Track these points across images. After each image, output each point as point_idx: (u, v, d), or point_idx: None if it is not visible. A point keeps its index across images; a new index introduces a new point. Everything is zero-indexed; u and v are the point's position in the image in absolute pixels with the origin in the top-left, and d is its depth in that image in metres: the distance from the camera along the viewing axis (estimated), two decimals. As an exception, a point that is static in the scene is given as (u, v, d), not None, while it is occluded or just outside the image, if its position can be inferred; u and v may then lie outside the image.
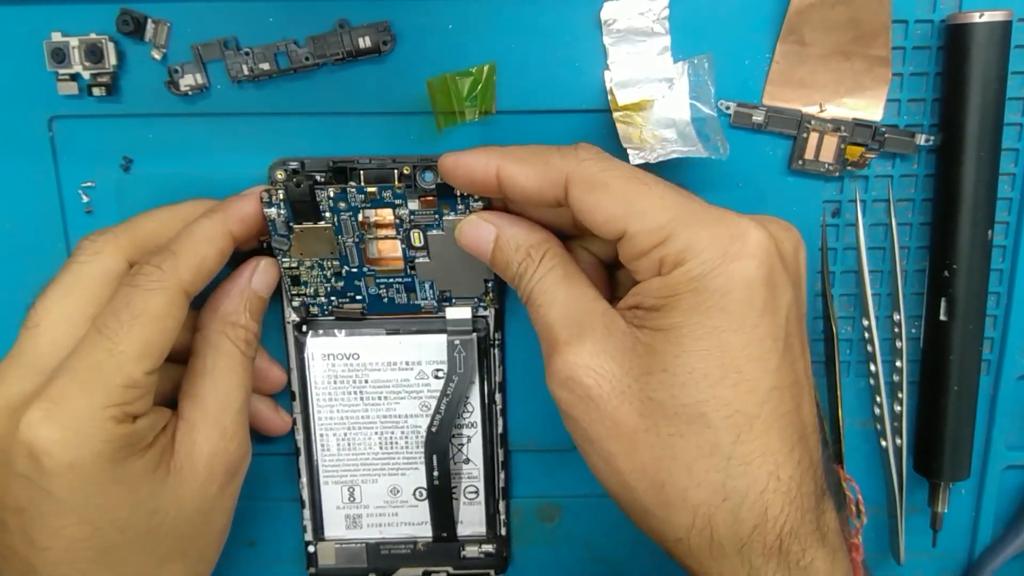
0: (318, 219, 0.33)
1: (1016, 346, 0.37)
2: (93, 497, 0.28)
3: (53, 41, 0.33)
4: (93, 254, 0.30)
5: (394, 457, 0.37)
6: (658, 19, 0.33)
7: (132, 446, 0.29)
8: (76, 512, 0.28)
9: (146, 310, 0.28)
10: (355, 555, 0.38)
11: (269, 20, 0.33)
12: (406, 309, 0.35)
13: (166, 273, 0.29)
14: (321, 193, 0.33)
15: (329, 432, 0.36)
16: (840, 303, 0.37)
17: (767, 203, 0.35)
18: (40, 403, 0.27)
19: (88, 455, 0.27)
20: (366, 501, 0.37)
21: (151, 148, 0.35)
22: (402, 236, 0.33)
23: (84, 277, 0.30)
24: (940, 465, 0.36)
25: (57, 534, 0.28)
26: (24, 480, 0.28)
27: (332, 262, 0.34)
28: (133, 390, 0.28)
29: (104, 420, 0.28)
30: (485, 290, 0.34)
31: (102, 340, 0.28)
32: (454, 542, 0.37)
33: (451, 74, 0.34)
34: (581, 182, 0.28)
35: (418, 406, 0.36)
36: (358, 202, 0.33)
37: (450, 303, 0.35)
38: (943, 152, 0.34)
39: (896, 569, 0.39)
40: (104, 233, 0.31)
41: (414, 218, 0.33)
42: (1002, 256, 0.36)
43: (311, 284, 0.35)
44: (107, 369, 0.28)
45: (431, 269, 0.34)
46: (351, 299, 0.35)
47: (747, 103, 0.34)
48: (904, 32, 0.34)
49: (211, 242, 0.31)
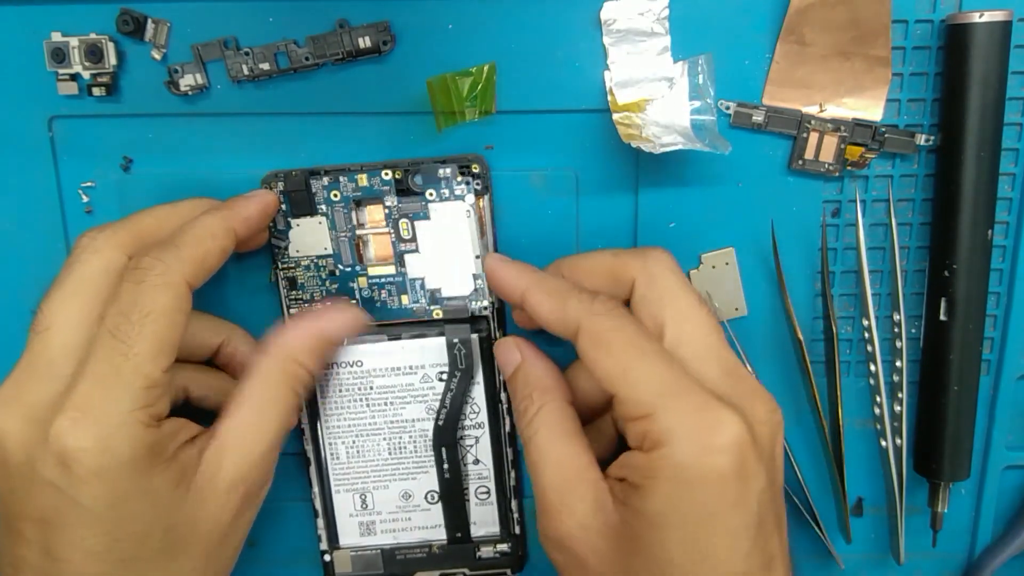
0: (313, 213, 0.34)
1: (1016, 346, 0.37)
2: (117, 507, 0.28)
3: (53, 41, 0.33)
4: (93, 252, 0.30)
5: (403, 462, 0.37)
6: (658, 19, 0.33)
7: (158, 455, 0.29)
8: (100, 522, 0.28)
9: (155, 307, 0.28)
10: (371, 561, 0.38)
11: (269, 20, 0.33)
12: (399, 314, 0.35)
13: (169, 266, 0.29)
14: (316, 183, 0.33)
15: (338, 440, 0.37)
16: (840, 303, 0.37)
17: (767, 203, 0.35)
18: (68, 411, 0.27)
19: (117, 461, 0.28)
20: (378, 507, 0.37)
21: (151, 148, 0.35)
22: (391, 226, 0.33)
23: (88, 277, 0.30)
24: (940, 465, 0.36)
25: (77, 545, 0.28)
26: (51, 488, 0.28)
27: (327, 260, 0.34)
28: (154, 390, 0.28)
29: (132, 424, 0.28)
30: (474, 287, 0.34)
31: (116, 343, 0.28)
32: (469, 543, 0.38)
33: (451, 74, 0.34)
34: (587, 334, 0.29)
35: (424, 409, 0.36)
36: (349, 191, 0.33)
37: (440, 305, 0.35)
38: (943, 152, 0.34)
39: (896, 569, 0.39)
40: (103, 230, 0.31)
41: (402, 206, 0.33)
42: (1002, 256, 0.36)
43: (307, 288, 0.35)
44: (126, 372, 0.28)
45: (421, 264, 0.34)
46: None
47: (747, 103, 0.34)
48: (904, 32, 0.34)
49: (214, 237, 0.30)
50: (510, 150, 0.35)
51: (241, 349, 0.35)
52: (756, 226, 0.36)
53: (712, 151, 0.32)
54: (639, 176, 0.35)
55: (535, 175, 0.35)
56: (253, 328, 0.35)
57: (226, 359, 0.35)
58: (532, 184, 0.35)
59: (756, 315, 0.37)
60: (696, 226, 0.36)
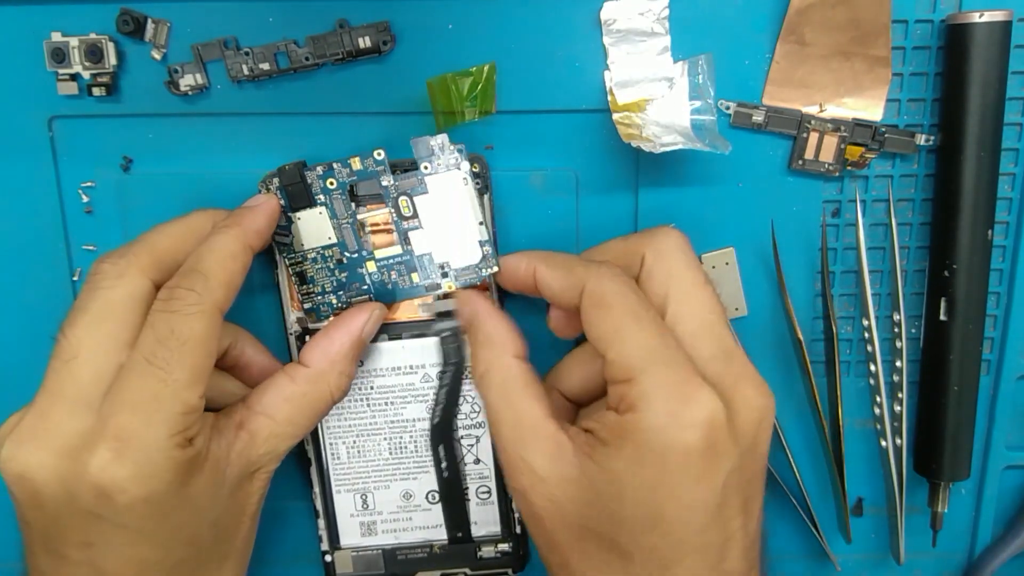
0: (313, 204, 0.33)
1: (1016, 346, 0.37)
2: (163, 521, 0.28)
3: (53, 41, 0.33)
4: (117, 277, 0.30)
5: (404, 462, 0.37)
6: (658, 19, 0.33)
7: (195, 467, 0.29)
8: (148, 538, 0.28)
9: (192, 335, 0.28)
10: (372, 562, 0.38)
11: (269, 20, 0.33)
12: (412, 293, 0.35)
13: (201, 295, 0.29)
14: (310, 174, 0.33)
15: (339, 441, 0.37)
16: (840, 303, 0.37)
17: (767, 203, 0.35)
18: (106, 442, 0.27)
19: (161, 485, 0.28)
20: (379, 507, 0.37)
21: (151, 148, 0.35)
22: (391, 206, 0.33)
23: (114, 303, 0.29)
24: (940, 465, 0.36)
25: (129, 560, 0.28)
26: (93, 517, 0.28)
27: (333, 249, 0.34)
28: (191, 415, 0.28)
29: (170, 449, 0.28)
30: (482, 255, 0.34)
31: (153, 370, 0.28)
32: (470, 543, 0.38)
33: (451, 74, 0.34)
34: (589, 296, 0.30)
35: (425, 409, 0.36)
36: (344, 177, 0.33)
37: (450, 277, 0.34)
38: (943, 152, 0.34)
39: (896, 569, 0.39)
40: (123, 255, 0.30)
41: (399, 184, 0.33)
42: (1002, 256, 0.36)
43: (317, 280, 0.35)
44: (164, 399, 0.28)
45: (426, 239, 0.34)
46: (357, 290, 0.35)
47: (747, 103, 0.34)
48: (904, 32, 0.34)
49: (235, 258, 0.30)
50: (510, 150, 0.35)
51: (248, 351, 0.35)
52: (756, 226, 0.36)
53: (712, 151, 0.32)
54: (639, 176, 0.35)
55: (535, 175, 0.35)
56: (253, 330, 0.35)
57: (233, 361, 0.35)
58: (532, 184, 0.35)
59: (756, 315, 0.37)
60: (696, 226, 0.36)
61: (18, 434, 0.28)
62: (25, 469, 0.28)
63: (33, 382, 0.29)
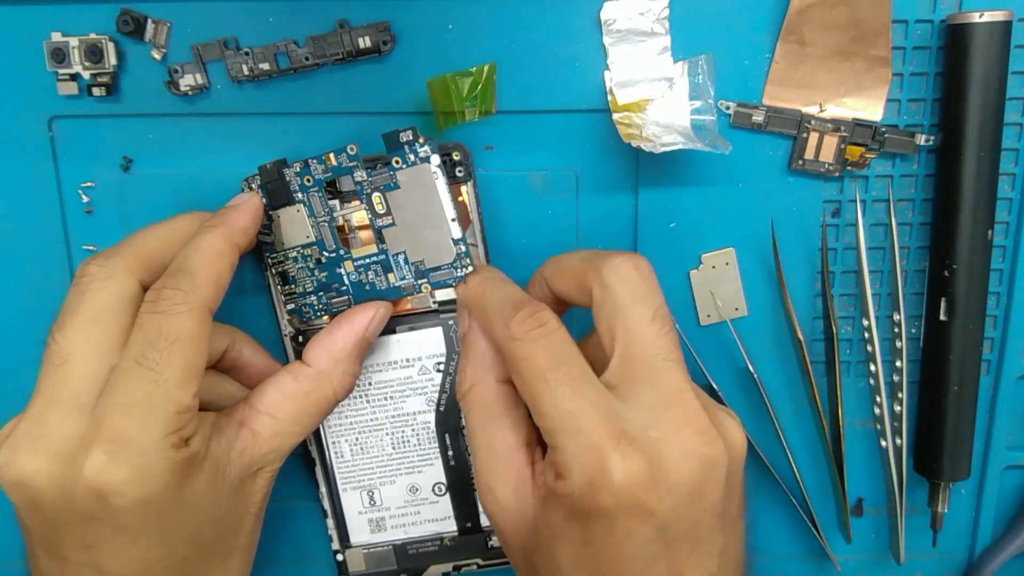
0: (291, 202, 0.33)
1: (1016, 346, 0.37)
2: (164, 522, 0.28)
3: (53, 41, 0.33)
4: (105, 279, 0.29)
5: (408, 456, 0.37)
6: (658, 19, 0.33)
7: (193, 466, 0.29)
8: (148, 538, 0.28)
9: (181, 335, 0.28)
10: (384, 558, 0.38)
11: (269, 20, 0.33)
12: (389, 294, 0.34)
13: (189, 294, 0.29)
14: (289, 171, 0.33)
15: (341, 439, 0.37)
16: (840, 303, 0.37)
17: (767, 203, 0.35)
18: (100, 444, 0.27)
19: (157, 486, 0.28)
20: (387, 503, 0.37)
21: (151, 148, 0.35)
22: (365, 203, 0.33)
23: (103, 305, 0.29)
24: (940, 465, 0.36)
25: (130, 560, 0.29)
26: (91, 520, 0.28)
27: (312, 248, 0.34)
28: (185, 415, 0.28)
29: (166, 450, 0.28)
30: (455, 254, 0.33)
31: (144, 371, 0.28)
32: (479, 533, 0.38)
33: (451, 74, 0.34)
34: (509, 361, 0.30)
35: (424, 402, 0.36)
36: (319, 173, 0.33)
37: (426, 277, 0.34)
38: (943, 152, 0.34)
39: (896, 569, 0.39)
40: (110, 256, 0.30)
41: (372, 180, 0.33)
42: (1002, 256, 0.36)
43: (299, 280, 0.35)
44: (157, 399, 0.28)
45: (400, 236, 0.33)
46: (337, 291, 0.35)
47: (747, 103, 0.34)
48: (904, 32, 0.34)
49: (222, 256, 0.30)
50: (510, 150, 0.35)
51: (245, 352, 0.35)
52: (756, 226, 0.36)
53: (712, 151, 0.32)
54: (639, 176, 0.35)
55: (535, 175, 0.35)
56: (249, 331, 0.35)
57: (231, 363, 0.35)
58: (532, 184, 0.35)
59: (756, 315, 0.37)
60: (696, 226, 0.36)
61: (13, 440, 0.28)
62: (22, 475, 0.28)
63: (34, 382, 0.29)
